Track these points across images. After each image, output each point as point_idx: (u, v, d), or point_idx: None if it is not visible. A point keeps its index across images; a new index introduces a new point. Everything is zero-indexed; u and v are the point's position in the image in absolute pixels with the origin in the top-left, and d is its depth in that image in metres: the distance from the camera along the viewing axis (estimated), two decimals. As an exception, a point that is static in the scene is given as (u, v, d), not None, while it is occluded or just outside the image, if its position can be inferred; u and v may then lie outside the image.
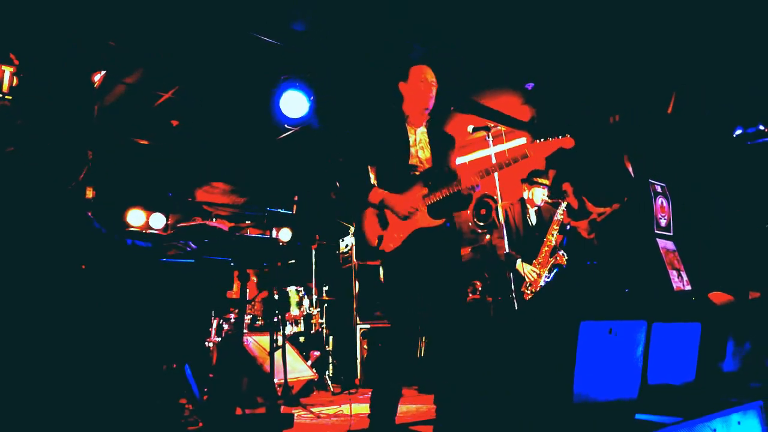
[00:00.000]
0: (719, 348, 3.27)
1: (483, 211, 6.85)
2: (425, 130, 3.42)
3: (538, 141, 3.30)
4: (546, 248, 4.76)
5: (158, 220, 7.62)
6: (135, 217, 7.51)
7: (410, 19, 5.13)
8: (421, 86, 3.33)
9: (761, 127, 6.74)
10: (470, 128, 3.90)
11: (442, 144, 3.42)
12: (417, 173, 3.26)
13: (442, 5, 4.95)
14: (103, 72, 4.74)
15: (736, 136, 6.90)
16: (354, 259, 6.74)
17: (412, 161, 3.29)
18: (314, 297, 6.75)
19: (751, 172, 7.06)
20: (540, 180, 4.98)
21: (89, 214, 2.50)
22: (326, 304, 6.91)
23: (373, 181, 3.33)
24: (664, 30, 5.43)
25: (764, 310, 4.06)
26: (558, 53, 5.84)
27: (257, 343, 5.26)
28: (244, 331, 5.75)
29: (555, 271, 4.74)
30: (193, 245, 2.79)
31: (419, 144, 3.35)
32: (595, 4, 4.91)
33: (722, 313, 3.56)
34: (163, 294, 2.71)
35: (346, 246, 7.05)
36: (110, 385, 2.42)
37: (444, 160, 3.37)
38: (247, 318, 6.12)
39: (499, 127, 3.89)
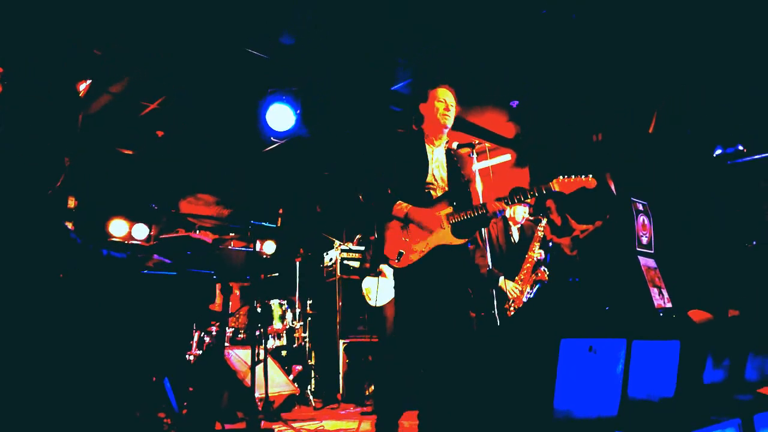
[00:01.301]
0: (698, 365, 3.30)
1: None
2: (443, 150, 3.52)
3: (563, 178, 3.33)
4: (528, 265, 4.79)
5: (141, 231, 7.56)
6: (117, 228, 7.45)
7: (397, 35, 5.17)
8: (439, 107, 3.44)
9: (740, 147, 6.86)
10: (455, 144, 3.93)
11: (458, 164, 3.51)
12: (434, 191, 3.36)
13: (428, 22, 5.00)
14: (89, 81, 4.71)
15: (716, 155, 7.02)
16: (338, 272, 6.72)
17: (429, 179, 3.39)
18: (297, 310, 6.72)
19: (730, 191, 7.17)
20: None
21: (66, 223, 2.47)
22: (309, 318, 6.87)
23: None
24: (645, 51, 5.52)
25: (743, 327, 4.11)
26: (542, 72, 5.92)
27: (239, 356, 5.22)
28: (226, 344, 5.70)
29: (537, 287, 4.76)
30: (166, 260, 2.77)
31: (435, 163, 3.45)
32: (578, 25, 4.98)
33: (701, 331, 3.60)
34: (142, 306, 2.68)
35: (331, 260, 7.03)
36: (87, 398, 2.39)
37: (460, 180, 3.46)
38: (230, 331, 6.07)
39: (483, 144, 3.92)
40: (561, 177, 3.34)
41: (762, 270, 6.88)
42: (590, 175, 3.35)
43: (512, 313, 4.68)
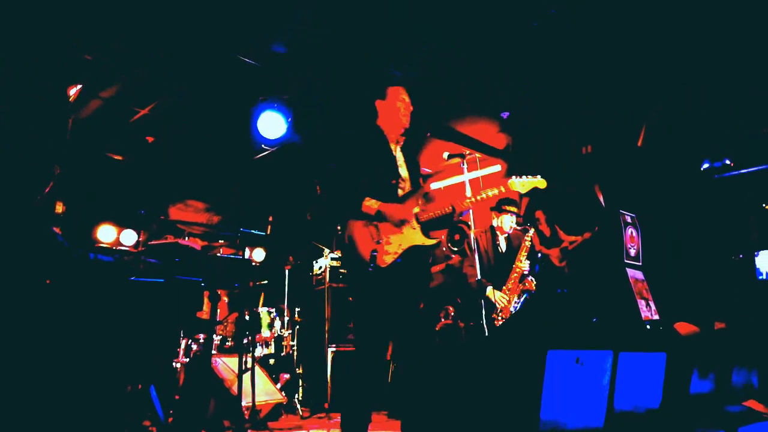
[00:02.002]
0: (684, 378, 3.32)
1: (457, 237, 6.90)
2: (401, 149, 3.44)
3: (516, 178, 3.38)
4: (515, 274, 4.81)
5: (129, 237, 7.50)
6: (105, 233, 7.39)
7: (389, 45, 5.20)
8: (400, 107, 3.37)
9: (727, 162, 6.94)
10: (446, 155, 3.95)
11: (415, 165, 3.45)
12: (401, 190, 3.27)
13: (421, 32, 5.03)
14: (79, 86, 4.70)
15: (704, 169, 7.09)
16: (327, 281, 6.71)
17: (396, 177, 3.30)
18: (286, 319, 6.69)
19: (717, 205, 7.24)
20: (508, 207, 5.05)
21: (54, 228, 2.46)
22: (298, 326, 6.85)
23: None
24: (635, 65, 5.58)
25: (729, 340, 4.14)
26: (533, 84, 5.96)
27: (226, 364, 5.18)
28: (213, 352, 5.66)
29: (525, 296, 4.78)
30: (155, 261, 2.76)
31: (398, 161, 3.37)
32: (569, 38, 5.03)
33: (687, 344, 3.62)
34: (129, 313, 2.67)
35: (320, 268, 7.02)
36: (71, 405, 2.36)
37: (419, 179, 3.41)
38: (217, 339, 6.03)
39: (474, 154, 3.94)
40: (514, 177, 3.43)
41: (748, 283, 6.94)
42: (538, 176, 3.47)
43: (500, 322, 4.69)
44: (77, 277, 2.48)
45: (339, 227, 3.29)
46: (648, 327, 4.82)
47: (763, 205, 7.03)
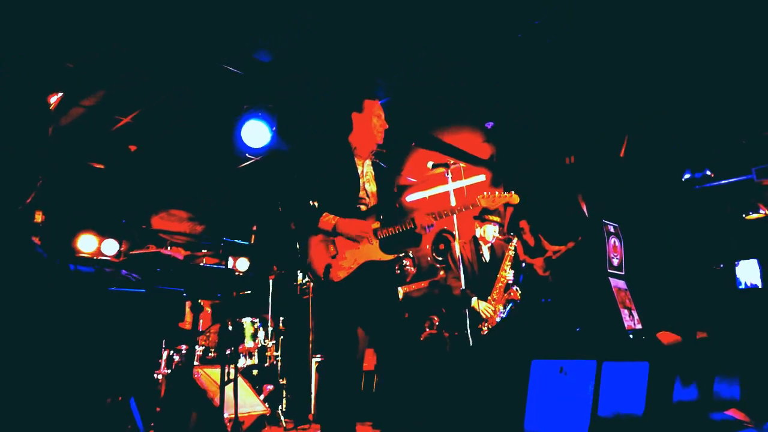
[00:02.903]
0: (667, 387, 3.33)
1: (441, 246, 6.90)
2: (371, 163, 3.41)
3: (487, 194, 3.38)
4: (500, 284, 4.82)
5: (111, 247, 7.41)
6: (86, 243, 7.29)
7: (374, 54, 5.21)
8: (377, 122, 3.34)
9: (708, 172, 7.04)
10: (430, 164, 3.96)
11: (388, 180, 3.43)
12: (364, 206, 3.24)
13: (406, 41, 5.05)
14: (60, 94, 4.65)
15: (685, 180, 7.18)
16: (311, 291, 6.67)
17: (360, 194, 3.27)
18: (270, 329, 6.64)
19: (698, 215, 7.33)
20: (491, 217, 5.07)
21: (33, 238, 2.42)
22: (282, 337, 6.79)
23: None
24: (618, 76, 5.65)
25: (711, 350, 4.18)
26: (517, 95, 6.01)
27: (208, 375, 5.12)
28: (195, 363, 5.60)
29: (510, 306, 4.78)
30: (136, 276, 2.71)
31: (365, 177, 3.33)
32: (553, 50, 5.08)
33: (670, 353, 3.64)
34: (109, 323, 2.63)
35: (305, 277, 6.98)
36: (49, 419, 2.32)
37: (392, 196, 3.40)
38: (200, 350, 5.96)
39: (458, 164, 3.95)
40: (485, 193, 3.39)
41: (728, 292, 7.02)
42: (512, 192, 3.42)
43: (486, 332, 4.69)
44: (56, 288, 2.43)
45: (299, 241, 3.29)
46: (631, 336, 4.84)
47: (743, 215, 7.13)
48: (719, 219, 7.45)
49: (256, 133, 5.66)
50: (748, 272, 7.20)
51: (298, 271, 7.24)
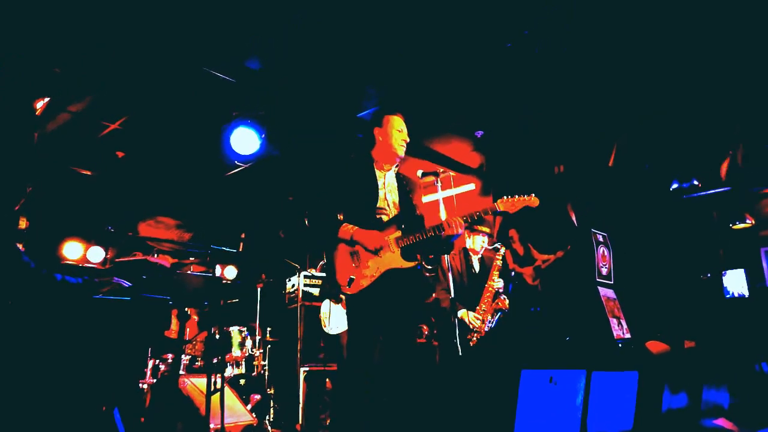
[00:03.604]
0: (656, 396, 3.33)
1: (431, 256, 6.87)
2: (394, 174, 3.48)
3: (506, 198, 3.40)
4: (488, 294, 4.79)
5: (96, 254, 7.32)
6: (72, 250, 7.20)
7: (364, 62, 5.21)
8: (397, 136, 3.40)
9: (695, 182, 7.09)
10: (420, 173, 3.94)
11: (409, 189, 3.48)
12: (385, 216, 3.30)
13: (397, 51, 5.06)
14: (47, 99, 4.61)
15: (673, 189, 7.23)
16: (300, 299, 6.62)
17: (380, 204, 3.33)
18: (258, 338, 6.57)
19: (686, 224, 7.37)
20: (480, 228, 5.05)
21: (19, 246, 2.38)
22: (270, 346, 6.73)
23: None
24: (606, 86, 5.69)
25: (699, 359, 4.18)
26: (507, 104, 6.03)
27: (194, 385, 5.06)
28: (182, 372, 5.54)
29: (498, 315, 4.76)
30: (126, 283, 2.68)
31: (387, 188, 3.40)
32: (542, 59, 5.11)
33: (659, 362, 3.64)
34: (94, 332, 2.58)
35: (293, 286, 6.93)
36: (33, 429, 2.28)
37: (411, 204, 3.42)
38: (186, 359, 5.89)
39: (448, 173, 3.94)
40: (504, 197, 3.41)
41: (716, 302, 7.05)
42: (532, 194, 3.43)
43: (475, 342, 4.67)
44: (42, 297, 2.40)
45: (325, 252, 3.35)
46: (620, 346, 4.84)
47: (730, 225, 7.18)
48: (706, 229, 7.50)
49: (245, 141, 5.63)
50: (735, 282, 7.24)
51: (287, 280, 7.20)
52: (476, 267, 5.09)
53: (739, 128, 6.26)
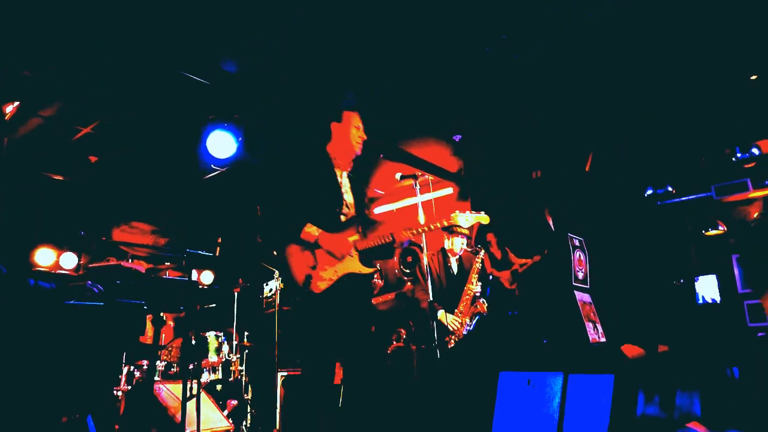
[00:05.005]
0: (631, 399, 3.36)
1: (409, 259, 6.89)
2: (348, 175, 3.43)
3: (457, 212, 3.51)
4: (467, 297, 4.82)
5: (69, 260, 7.19)
6: (44, 256, 7.05)
7: (342, 65, 5.20)
8: (355, 133, 3.36)
9: (669, 189, 7.20)
10: (398, 176, 3.96)
11: (361, 191, 3.44)
12: (344, 216, 3.25)
13: (374, 53, 5.06)
14: (17, 103, 4.52)
15: (647, 195, 7.34)
16: (278, 303, 6.57)
17: (340, 204, 3.27)
18: (234, 343, 6.52)
19: (660, 230, 7.48)
20: (459, 229, 5.08)
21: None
22: (247, 351, 6.67)
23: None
24: (583, 93, 5.76)
25: (672, 363, 4.24)
26: (485, 109, 6.07)
27: (170, 391, 4.99)
28: (157, 378, 5.46)
29: (477, 318, 4.78)
30: (100, 287, 2.63)
31: (344, 188, 3.35)
32: (521, 65, 5.15)
33: (634, 366, 3.68)
34: (67, 338, 2.53)
35: (270, 290, 6.88)
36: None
37: (364, 207, 3.40)
38: (162, 365, 5.81)
39: (426, 176, 3.96)
40: (456, 212, 3.50)
41: (688, 307, 7.17)
42: (482, 212, 3.58)
43: (453, 344, 4.68)
44: (14, 302, 2.35)
45: (276, 252, 3.26)
46: (595, 349, 4.89)
47: (703, 231, 7.31)
48: (680, 235, 7.62)
49: (221, 144, 5.57)
50: (707, 287, 7.38)
51: (264, 285, 7.14)
52: (455, 268, 5.11)
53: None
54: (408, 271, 6.59)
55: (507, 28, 4.64)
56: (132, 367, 5.46)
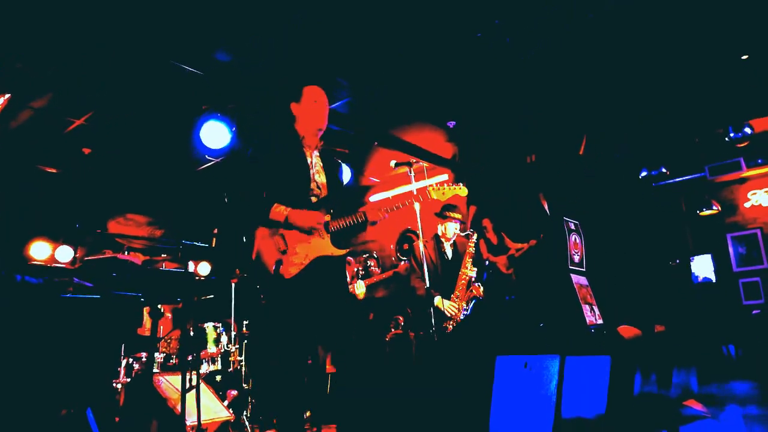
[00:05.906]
0: (628, 380, 3.39)
1: (405, 246, 6.90)
2: (319, 153, 3.35)
3: (435, 185, 3.45)
4: (462, 281, 4.82)
5: (65, 253, 7.16)
6: (39, 250, 7.03)
7: (336, 54, 5.18)
8: (315, 107, 3.26)
9: (664, 170, 7.22)
10: (393, 163, 3.94)
11: (334, 169, 3.36)
12: (315, 197, 3.17)
13: (369, 41, 5.04)
14: (8, 95, 4.48)
15: (642, 177, 7.36)
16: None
17: (311, 185, 3.19)
18: (233, 333, 6.52)
19: (655, 211, 7.51)
20: (452, 214, 5.07)
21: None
22: (246, 341, 6.68)
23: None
24: (577, 77, 5.75)
25: (669, 342, 4.28)
26: (479, 94, 6.05)
27: (169, 383, 5.00)
28: (156, 370, 5.47)
29: (473, 302, 4.79)
30: (88, 284, 2.62)
31: (315, 168, 3.27)
32: (513, 49, 5.13)
33: (631, 347, 3.71)
34: (63, 332, 2.53)
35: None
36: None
37: (338, 185, 3.32)
38: (160, 356, 5.82)
39: (421, 163, 3.94)
40: (434, 185, 3.47)
41: (684, 287, 7.21)
42: (461, 183, 3.54)
43: (451, 330, 4.69)
44: (3, 300, 2.34)
45: (244, 237, 3.14)
46: (593, 331, 4.92)
47: (698, 211, 7.34)
48: (675, 215, 7.65)
49: (215, 135, 5.55)
50: (702, 267, 7.42)
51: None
52: (449, 253, 5.11)
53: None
54: (404, 258, 6.60)
55: (499, 12, 4.62)
56: (131, 360, 5.47)
